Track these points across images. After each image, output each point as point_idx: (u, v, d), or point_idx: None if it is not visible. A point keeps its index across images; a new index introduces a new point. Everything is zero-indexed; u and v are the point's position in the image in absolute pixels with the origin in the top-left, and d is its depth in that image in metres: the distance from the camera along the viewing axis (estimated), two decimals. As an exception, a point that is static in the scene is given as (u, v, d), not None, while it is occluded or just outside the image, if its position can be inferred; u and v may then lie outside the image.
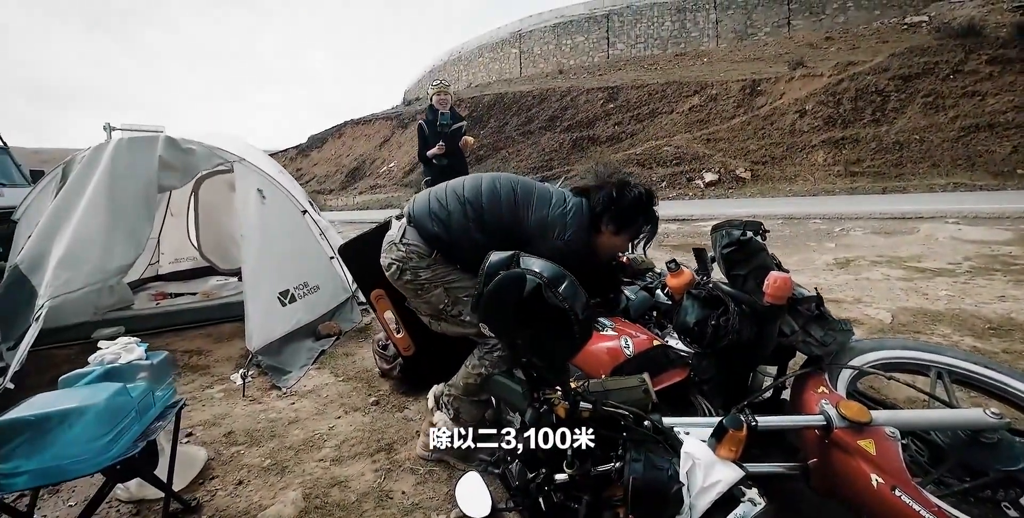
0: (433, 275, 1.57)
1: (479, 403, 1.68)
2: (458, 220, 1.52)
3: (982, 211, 6.95)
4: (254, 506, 1.50)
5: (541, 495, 1.18)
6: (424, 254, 1.56)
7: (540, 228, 1.49)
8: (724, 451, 0.99)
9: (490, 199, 1.53)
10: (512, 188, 1.55)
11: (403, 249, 1.58)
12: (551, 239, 1.48)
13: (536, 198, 1.53)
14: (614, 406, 1.17)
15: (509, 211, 1.52)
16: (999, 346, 2.46)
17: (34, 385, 2.44)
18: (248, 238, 2.94)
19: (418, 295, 1.62)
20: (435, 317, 1.66)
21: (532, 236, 1.49)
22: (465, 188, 1.58)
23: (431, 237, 1.55)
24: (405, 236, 1.59)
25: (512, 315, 1.03)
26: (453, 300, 1.58)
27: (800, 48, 20.40)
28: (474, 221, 1.51)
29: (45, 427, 1.13)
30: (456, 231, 1.52)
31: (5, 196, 6.03)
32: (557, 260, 1.24)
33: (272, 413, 2.16)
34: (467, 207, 1.53)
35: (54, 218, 2.73)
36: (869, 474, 1.05)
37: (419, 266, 1.56)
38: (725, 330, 1.32)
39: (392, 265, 1.60)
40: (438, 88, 4.18)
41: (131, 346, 1.48)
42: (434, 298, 1.59)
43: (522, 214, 1.51)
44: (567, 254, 1.44)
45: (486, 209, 1.52)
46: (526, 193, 1.54)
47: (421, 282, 1.58)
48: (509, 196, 1.53)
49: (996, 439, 1.15)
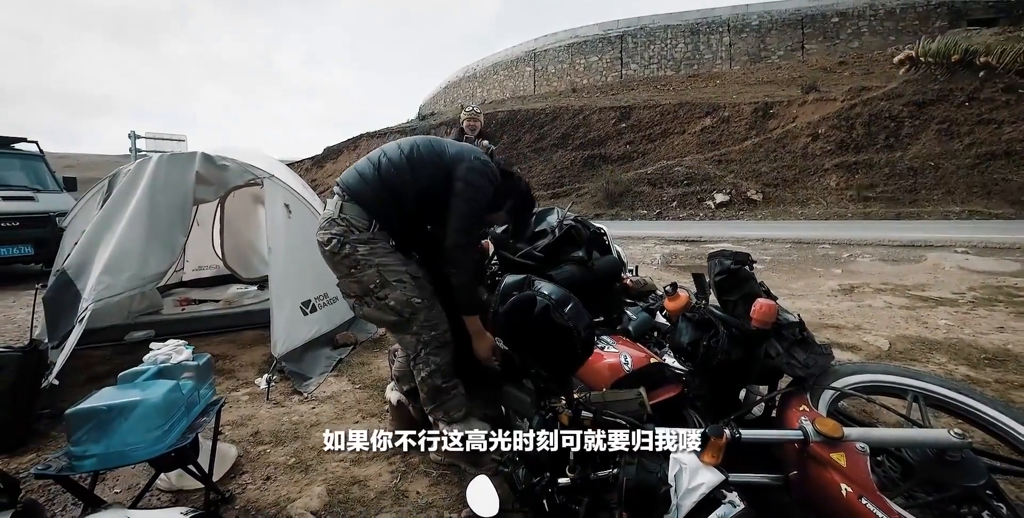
0: (370, 251, 1.63)
1: (449, 392, 1.75)
2: (387, 169, 1.67)
3: (992, 241, 6.97)
4: (283, 498, 1.65)
5: (545, 497, 1.31)
6: (363, 228, 1.65)
7: (458, 155, 1.71)
8: (707, 457, 1.12)
9: (410, 145, 1.73)
10: (426, 138, 1.80)
11: (343, 224, 1.64)
12: (470, 161, 1.69)
13: (447, 141, 1.81)
14: (612, 416, 1.31)
15: (428, 149, 1.72)
16: (992, 376, 2.54)
17: (72, 383, 2.63)
18: (275, 250, 3.11)
19: (350, 274, 1.66)
20: (360, 299, 1.70)
21: (454, 162, 1.68)
22: (384, 148, 1.78)
23: (368, 201, 1.65)
24: (343, 211, 1.66)
25: (524, 331, 1.18)
26: (382, 282, 1.63)
27: (813, 72, 20.61)
28: (399, 165, 1.67)
29: (112, 416, 1.29)
30: (387, 177, 1.66)
31: (40, 201, 6.36)
32: (474, 177, 1.63)
33: (295, 416, 2.31)
34: (390, 158, 1.70)
35: (99, 227, 2.93)
36: (840, 484, 1.17)
37: (359, 240, 1.63)
38: (715, 351, 1.46)
39: (332, 239, 1.64)
40: (469, 114, 4.39)
41: (180, 348, 1.65)
42: (366, 277, 1.64)
43: (439, 149, 1.73)
44: (484, 174, 1.68)
45: (407, 152, 1.70)
46: (437, 139, 1.81)
47: (357, 258, 1.63)
48: (425, 140, 1.76)
49: (960, 458, 1.26)
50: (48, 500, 1.71)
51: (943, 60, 4.50)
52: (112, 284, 2.73)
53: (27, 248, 6.01)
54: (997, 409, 1.44)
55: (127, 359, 2.85)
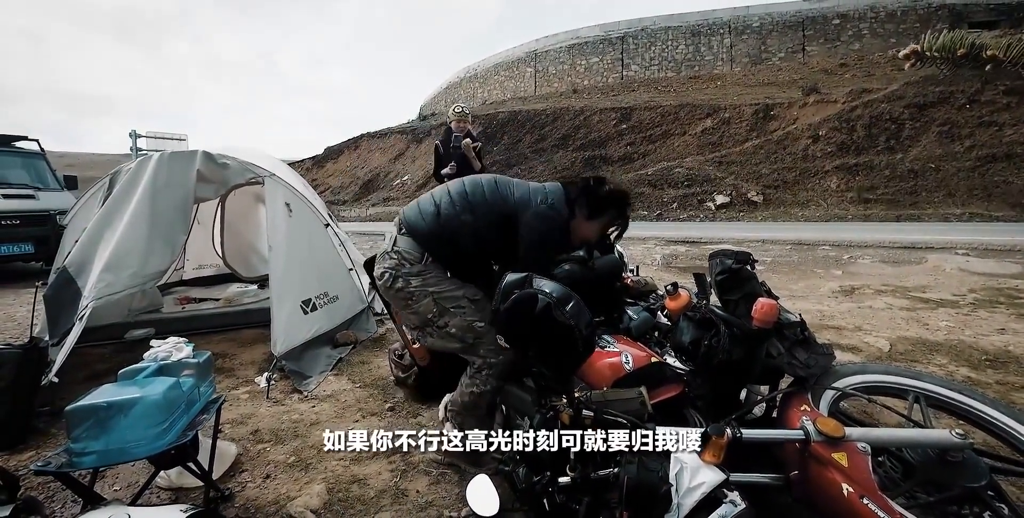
0: (423, 283, 1.63)
1: (480, 417, 1.75)
2: (446, 209, 1.64)
3: (993, 243, 6.97)
4: (282, 497, 1.65)
5: (545, 496, 1.31)
6: (415, 260, 1.64)
7: (524, 199, 1.64)
8: (708, 456, 1.11)
9: (473, 187, 1.68)
10: (492, 179, 1.73)
11: (395, 257, 1.65)
12: (536, 205, 1.60)
13: (515, 182, 1.73)
14: (613, 415, 1.30)
15: (492, 193, 1.66)
16: (993, 377, 2.54)
17: (72, 381, 2.62)
18: (276, 249, 3.11)
19: (407, 305, 1.66)
20: (422, 329, 1.71)
21: (518, 207, 1.62)
22: (449, 187, 1.73)
23: (423, 237, 1.64)
24: (396, 244, 1.67)
25: (525, 329, 1.18)
26: (440, 310, 1.62)
27: (814, 74, 20.62)
28: (461, 206, 1.63)
29: (112, 413, 1.28)
30: (445, 219, 1.62)
31: (41, 200, 6.37)
32: (539, 222, 1.48)
33: (295, 414, 2.31)
34: (454, 197, 1.66)
35: (100, 225, 2.93)
36: (841, 484, 1.17)
37: (410, 273, 1.63)
38: (716, 350, 1.46)
39: (385, 273, 1.66)
40: (459, 116, 4.38)
41: (180, 345, 1.65)
42: (422, 308, 1.63)
43: (505, 192, 1.67)
44: (551, 219, 1.58)
45: (470, 194, 1.66)
46: (505, 180, 1.73)
47: (411, 290, 1.63)
48: (491, 182, 1.70)
49: (961, 458, 1.26)
50: (48, 497, 1.71)
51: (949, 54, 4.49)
52: (113, 282, 2.73)
53: (27, 246, 6.01)
54: (998, 410, 1.44)
55: (127, 357, 2.85)
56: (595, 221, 1.72)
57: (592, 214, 1.70)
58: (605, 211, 1.72)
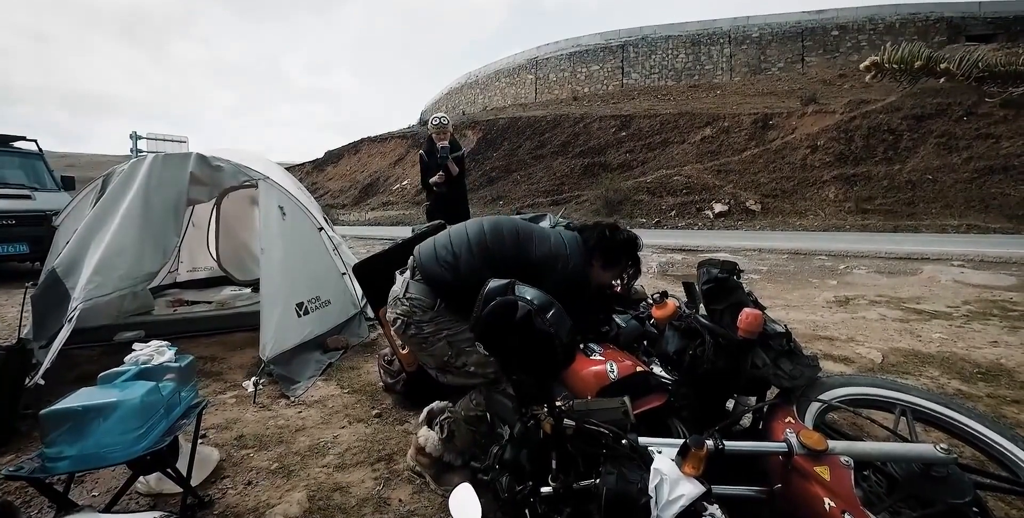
0: (436, 328, 1.62)
1: (475, 432, 1.72)
2: (466, 261, 1.60)
3: (988, 255, 6.97)
4: (262, 504, 1.62)
5: (527, 507, 1.29)
6: (427, 306, 1.63)
7: (546, 260, 1.63)
8: (688, 468, 1.10)
9: (495, 239, 1.65)
10: (514, 229, 1.69)
11: (407, 304, 1.64)
12: (558, 270, 1.62)
13: (536, 236, 1.68)
14: (596, 424, 1.29)
15: (513, 247, 1.64)
16: (984, 390, 2.52)
17: (59, 382, 2.60)
18: (268, 252, 3.10)
19: (423, 349, 1.67)
20: (441, 370, 1.71)
21: (540, 268, 1.61)
22: (469, 232, 1.69)
23: (438, 284, 1.61)
24: (408, 290, 1.66)
25: (504, 336, 1.17)
26: (456, 352, 1.62)
27: (813, 84, 20.77)
28: (481, 259, 1.60)
29: (88, 418, 1.27)
30: (464, 271, 1.59)
31: (37, 200, 6.36)
32: (563, 288, 1.43)
33: (280, 420, 2.29)
34: (474, 248, 1.63)
35: (91, 226, 2.92)
36: (823, 498, 1.16)
37: (422, 320, 1.63)
38: (701, 359, 1.45)
39: (397, 320, 1.67)
40: (437, 128, 4.37)
41: (162, 349, 1.63)
42: (438, 351, 1.63)
43: (527, 248, 1.64)
44: (571, 282, 1.60)
45: (492, 247, 1.63)
46: (526, 232, 1.69)
47: (425, 335, 1.63)
48: (512, 234, 1.66)
49: (946, 473, 1.24)
50: (25, 503, 1.68)
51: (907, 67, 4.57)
52: (103, 283, 2.71)
53: (22, 246, 6.01)
54: (984, 424, 1.43)
55: (116, 359, 2.81)
56: (610, 269, 1.79)
57: (607, 263, 1.76)
58: (620, 259, 1.78)
